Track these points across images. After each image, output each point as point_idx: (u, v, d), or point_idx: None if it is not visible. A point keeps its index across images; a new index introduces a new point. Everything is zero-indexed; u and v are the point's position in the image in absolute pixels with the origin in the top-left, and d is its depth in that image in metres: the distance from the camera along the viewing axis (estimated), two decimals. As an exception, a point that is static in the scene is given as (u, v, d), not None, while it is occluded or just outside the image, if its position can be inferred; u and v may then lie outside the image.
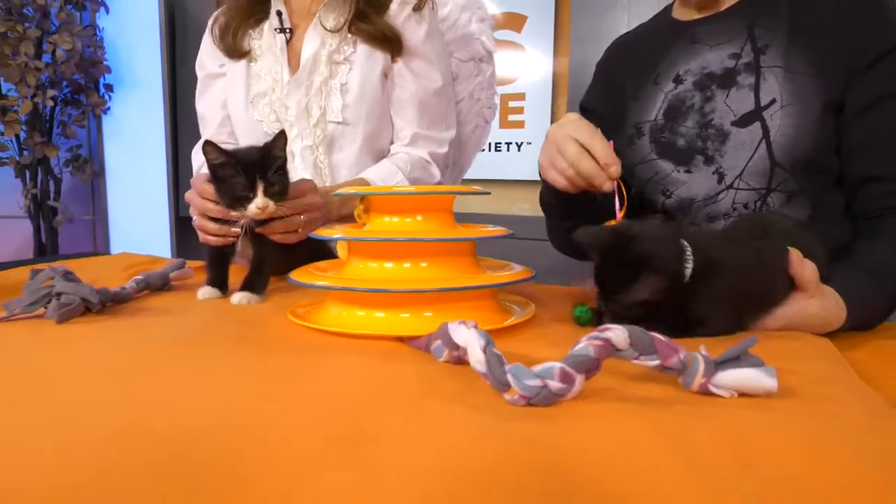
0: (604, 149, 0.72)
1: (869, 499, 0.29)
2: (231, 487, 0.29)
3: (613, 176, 0.71)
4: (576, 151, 0.72)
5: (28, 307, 0.62)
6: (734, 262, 0.59)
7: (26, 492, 0.28)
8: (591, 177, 0.72)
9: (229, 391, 0.43)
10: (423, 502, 0.28)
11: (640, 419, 0.37)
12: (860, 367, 0.55)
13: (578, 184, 0.75)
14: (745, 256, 0.60)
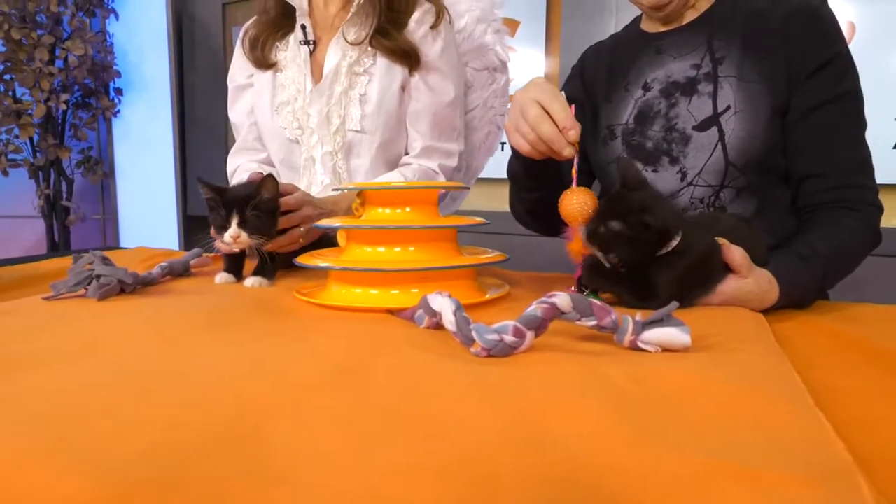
0: (563, 111, 0.73)
1: (752, 418, 0.38)
2: (246, 415, 0.39)
3: (571, 139, 0.73)
4: (537, 114, 0.73)
5: (73, 287, 0.72)
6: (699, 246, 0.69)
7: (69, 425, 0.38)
8: (550, 140, 0.73)
9: (246, 349, 0.53)
10: (400, 419, 0.38)
11: (575, 365, 0.47)
12: (785, 334, 0.65)
13: (540, 148, 0.76)
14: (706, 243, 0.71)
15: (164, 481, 0.29)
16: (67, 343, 0.54)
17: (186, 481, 0.29)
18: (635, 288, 0.71)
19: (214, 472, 0.31)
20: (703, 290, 0.72)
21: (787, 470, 0.31)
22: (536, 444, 0.34)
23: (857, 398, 0.48)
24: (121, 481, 0.29)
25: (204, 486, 0.29)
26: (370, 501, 0.28)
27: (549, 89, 0.76)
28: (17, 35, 2.64)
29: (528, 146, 0.77)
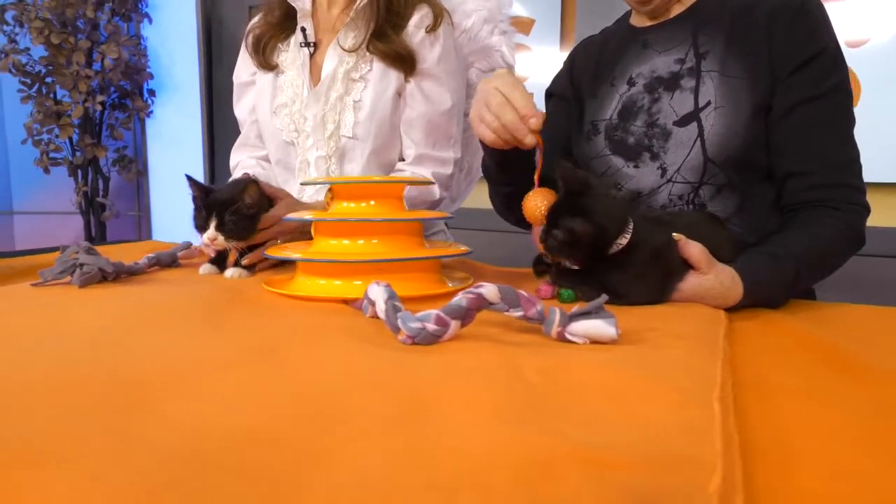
0: (523, 100, 0.74)
1: (638, 410, 0.39)
2: (145, 386, 0.41)
3: (532, 127, 0.74)
4: (499, 103, 0.74)
5: (58, 274, 0.76)
6: (653, 242, 0.69)
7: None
8: (513, 128, 0.74)
9: (186, 333, 0.55)
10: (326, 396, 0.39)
11: (490, 354, 0.48)
12: (745, 332, 0.64)
13: (504, 136, 0.77)
14: (661, 239, 0.70)
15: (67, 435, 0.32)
16: (38, 326, 0.58)
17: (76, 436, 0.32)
18: (596, 287, 0.70)
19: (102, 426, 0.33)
20: (664, 287, 0.71)
21: (635, 456, 0.31)
22: (411, 425, 0.35)
23: (792, 397, 0.47)
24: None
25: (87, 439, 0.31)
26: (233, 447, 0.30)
27: (512, 80, 0.76)
28: (56, 40, 2.77)
29: (492, 135, 0.78)
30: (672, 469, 0.31)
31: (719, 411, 0.38)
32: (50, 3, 2.77)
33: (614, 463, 0.31)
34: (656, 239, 0.69)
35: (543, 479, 0.29)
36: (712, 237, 0.73)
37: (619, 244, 0.66)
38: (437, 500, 0.27)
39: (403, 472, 0.29)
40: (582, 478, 0.29)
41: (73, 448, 0.32)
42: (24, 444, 0.32)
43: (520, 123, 0.74)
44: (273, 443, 0.33)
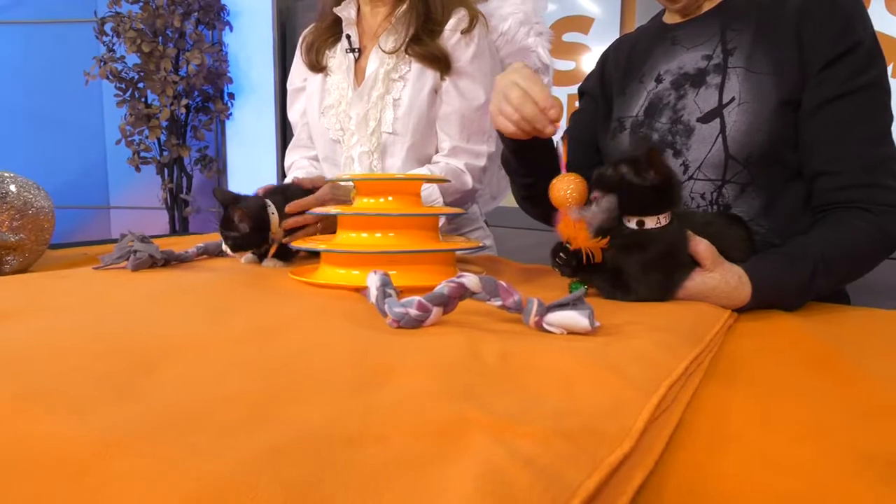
0: (542, 92, 0.76)
1: (575, 392, 0.41)
2: (151, 357, 0.47)
3: (553, 118, 0.76)
4: (519, 95, 0.76)
5: (116, 259, 0.86)
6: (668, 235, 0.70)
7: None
8: (533, 119, 0.77)
9: (218, 313, 0.62)
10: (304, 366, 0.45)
11: (463, 338, 0.51)
12: (746, 331, 0.65)
13: (524, 128, 0.78)
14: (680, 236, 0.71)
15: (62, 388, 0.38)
16: (70, 301, 0.67)
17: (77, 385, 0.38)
18: (607, 279, 0.72)
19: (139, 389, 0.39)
20: (671, 285, 0.72)
21: (547, 429, 0.34)
22: (360, 397, 0.40)
23: (755, 391, 0.48)
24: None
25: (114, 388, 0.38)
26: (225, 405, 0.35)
27: (528, 73, 0.79)
28: (147, 48, 3.01)
29: (512, 127, 0.80)
30: (578, 441, 0.33)
31: (658, 397, 0.40)
32: (142, 15, 3.01)
33: (523, 432, 0.34)
34: (672, 234, 0.69)
35: (453, 438, 0.33)
36: (726, 236, 0.73)
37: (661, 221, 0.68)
38: (338, 452, 0.31)
39: (324, 431, 0.34)
40: (485, 442, 0.32)
41: (83, 394, 0.38)
42: (39, 390, 0.39)
43: (540, 115, 0.76)
44: (240, 400, 0.38)
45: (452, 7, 1.18)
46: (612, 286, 0.72)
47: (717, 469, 0.35)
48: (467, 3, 1.20)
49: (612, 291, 0.72)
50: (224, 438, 0.33)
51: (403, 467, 0.30)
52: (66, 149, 3.69)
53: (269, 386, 0.41)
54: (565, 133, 0.77)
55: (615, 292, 0.72)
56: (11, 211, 0.90)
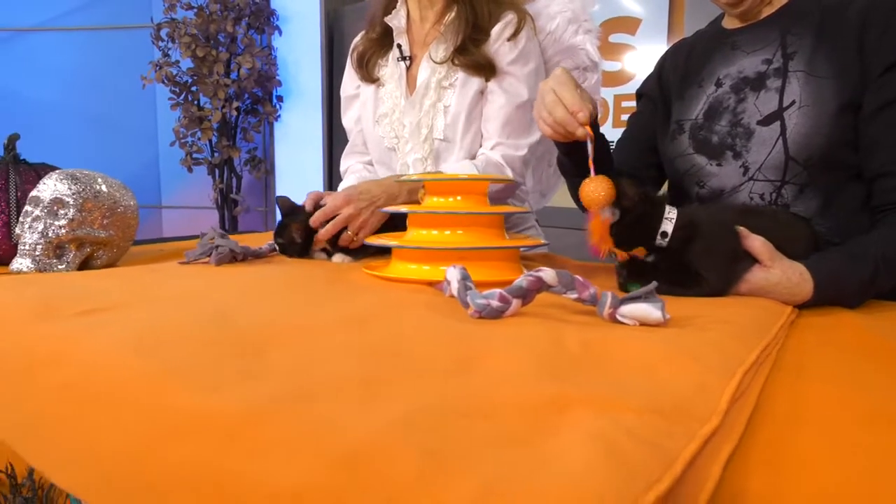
0: (572, 96, 0.80)
1: (658, 375, 0.45)
2: (262, 341, 0.52)
3: (581, 121, 0.80)
4: (551, 101, 0.82)
5: (199, 255, 0.92)
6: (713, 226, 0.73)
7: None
8: (564, 122, 0.81)
9: (308, 303, 0.67)
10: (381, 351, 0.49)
11: (541, 329, 0.55)
12: (809, 324, 0.67)
13: (558, 130, 0.84)
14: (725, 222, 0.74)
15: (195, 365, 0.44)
16: (172, 292, 0.72)
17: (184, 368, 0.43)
18: (668, 278, 0.75)
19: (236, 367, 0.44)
20: (729, 279, 0.74)
21: (642, 405, 0.38)
22: (463, 377, 0.44)
23: (824, 382, 0.50)
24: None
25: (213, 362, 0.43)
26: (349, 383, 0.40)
27: (564, 79, 0.83)
28: (201, 53, 3.12)
29: (549, 130, 0.86)
30: (672, 417, 0.37)
31: (736, 382, 0.43)
32: (196, 21, 3.13)
33: (622, 407, 0.37)
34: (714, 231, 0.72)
35: (556, 415, 0.37)
36: (786, 233, 0.75)
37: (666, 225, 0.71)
38: (459, 422, 0.35)
39: (439, 405, 0.38)
40: (587, 417, 0.36)
41: (211, 373, 0.43)
42: (173, 369, 0.44)
43: (570, 118, 0.81)
44: (353, 379, 0.42)
45: (501, 11, 1.20)
46: (675, 284, 0.75)
47: (793, 447, 0.38)
48: (515, 6, 1.22)
49: (674, 289, 0.75)
50: (353, 410, 0.37)
51: (516, 438, 0.34)
52: (121, 150, 3.85)
53: (376, 368, 0.45)
54: (592, 135, 0.80)
55: (679, 289, 0.74)
56: (103, 209, 0.98)
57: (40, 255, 0.92)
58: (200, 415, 0.38)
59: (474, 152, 1.23)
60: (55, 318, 0.60)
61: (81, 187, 0.95)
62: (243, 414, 0.36)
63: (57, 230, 0.93)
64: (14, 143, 1.08)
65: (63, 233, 0.93)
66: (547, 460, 0.31)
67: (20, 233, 0.93)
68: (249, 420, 0.36)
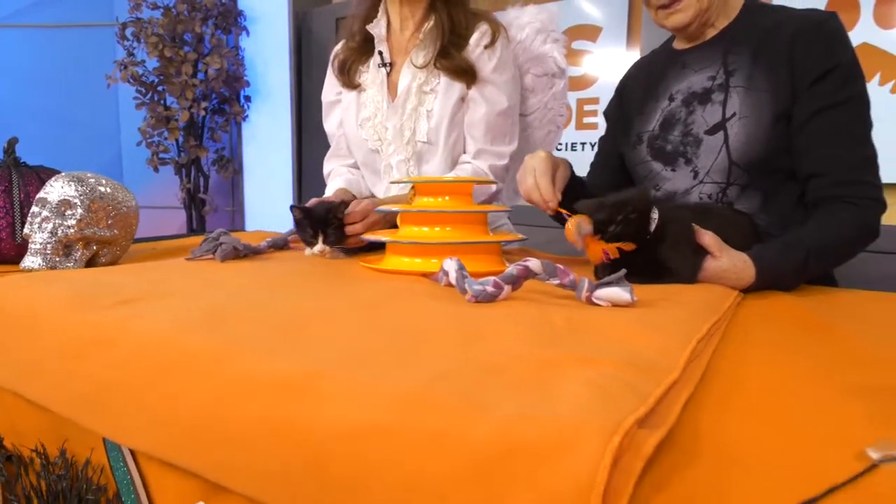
0: (546, 189, 0.95)
1: (630, 342, 0.55)
2: (291, 322, 0.60)
3: (550, 210, 0.96)
4: (530, 185, 0.97)
5: (205, 252, 0.99)
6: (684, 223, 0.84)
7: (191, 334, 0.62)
8: (539, 206, 0.98)
9: (318, 292, 0.75)
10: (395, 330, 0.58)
11: (532, 309, 0.65)
12: (753, 305, 0.78)
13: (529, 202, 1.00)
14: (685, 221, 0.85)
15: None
16: (193, 283, 0.80)
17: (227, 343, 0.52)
18: (645, 272, 0.85)
19: (266, 339, 0.53)
20: (695, 268, 0.86)
21: (619, 361, 0.48)
22: (472, 347, 0.53)
23: (764, 347, 0.61)
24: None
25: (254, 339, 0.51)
26: (367, 357, 0.49)
27: (543, 167, 0.97)
28: (169, 53, 3.13)
29: (524, 197, 1.01)
30: (644, 370, 0.47)
31: (692, 347, 0.54)
32: (163, 21, 3.13)
33: (604, 363, 0.47)
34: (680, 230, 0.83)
35: (553, 370, 0.46)
36: (732, 227, 0.87)
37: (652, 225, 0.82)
38: (480, 377, 0.45)
39: (462, 366, 0.47)
40: (579, 370, 0.46)
41: (265, 344, 0.52)
42: (232, 343, 0.52)
43: (543, 204, 0.96)
44: (384, 350, 0.51)
45: (476, 21, 1.30)
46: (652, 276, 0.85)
47: (736, 394, 0.49)
48: (489, 17, 1.32)
49: (651, 280, 0.85)
50: (396, 370, 0.46)
51: (525, 386, 0.43)
52: (82, 149, 3.79)
53: (399, 342, 0.54)
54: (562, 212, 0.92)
55: (655, 281, 0.85)
56: (108, 209, 1.03)
57: (50, 253, 0.97)
58: (268, 376, 0.46)
59: (456, 155, 1.32)
60: (95, 308, 0.66)
61: (87, 189, 1.01)
62: (306, 373, 0.45)
63: (66, 230, 0.98)
64: (13, 147, 1.12)
65: (71, 232, 0.98)
66: (551, 399, 0.41)
67: (29, 232, 0.98)
68: (313, 378, 0.45)
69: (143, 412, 0.51)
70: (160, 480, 0.58)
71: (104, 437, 0.61)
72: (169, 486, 0.57)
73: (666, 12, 1.06)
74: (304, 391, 0.44)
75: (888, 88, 1.88)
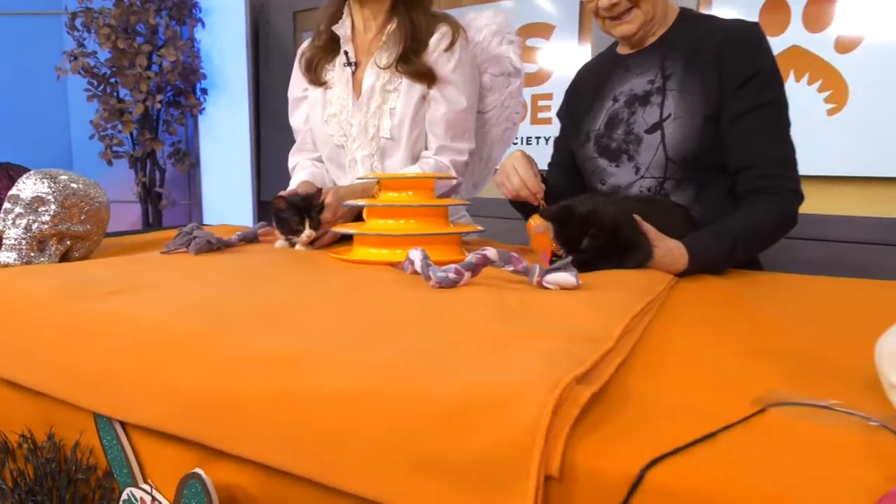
0: (534, 181, 1.08)
1: (575, 319, 0.63)
2: (272, 309, 0.67)
3: (538, 200, 1.08)
4: (517, 182, 1.08)
5: (179, 245, 1.04)
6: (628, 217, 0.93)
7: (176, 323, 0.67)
8: (528, 199, 1.09)
9: (286, 281, 0.81)
10: (369, 315, 0.65)
11: (489, 293, 0.73)
12: (685, 286, 0.88)
13: (517, 199, 1.11)
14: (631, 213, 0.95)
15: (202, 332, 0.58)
16: (172, 275, 0.85)
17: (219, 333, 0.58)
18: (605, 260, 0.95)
19: (248, 333, 0.59)
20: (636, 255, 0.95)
21: (564, 335, 0.56)
22: (438, 325, 0.61)
23: (690, 322, 0.71)
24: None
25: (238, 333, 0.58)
26: (344, 340, 0.56)
27: (527, 164, 1.09)
28: (121, 45, 3.08)
29: (510, 195, 1.12)
30: (584, 341, 0.55)
31: (626, 322, 0.63)
32: (115, 12, 3.08)
33: (552, 337, 0.56)
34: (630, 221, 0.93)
35: (509, 344, 0.54)
36: (669, 216, 0.97)
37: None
38: (445, 350, 0.52)
39: (429, 342, 0.55)
40: (530, 343, 0.54)
41: (253, 326, 0.58)
42: (222, 327, 0.59)
43: (532, 196, 1.09)
44: (362, 329, 0.59)
45: (436, 23, 1.37)
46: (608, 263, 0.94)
47: (662, 361, 0.58)
48: (448, 20, 1.38)
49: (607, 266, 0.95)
50: (375, 345, 0.53)
51: (484, 355, 0.51)
52: (29, 141, 3.70)
53: (374, 323, 0.61)
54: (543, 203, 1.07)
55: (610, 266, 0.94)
56: (81, 205, 1.07)
57: (25, 248, 1.00)
58: (259, 354, 0.53)
59: (418, 151, 1.39)
60: (86, 299, 0.71)
61: (60, 186, 1.04)
62: (296, 350, 0.52)
63: (40, 226, 1.01)
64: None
65: (46, 228, 1.01)
66: (506, 365, 0.49)
67: (3, 228, 1.01)
68: (302, 353, 0.52)
69: (144, 391, 0.57)
70: (153, 454, 0.64)
71: (96, 419, 0.66)
72: (162, 458, 0.63)
73: (614, 23, 1.16)
74: (293, 365, 0.51)
75: (816, 88, 2.03)
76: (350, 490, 0.47)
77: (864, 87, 1.92)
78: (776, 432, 0.43)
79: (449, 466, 0.43)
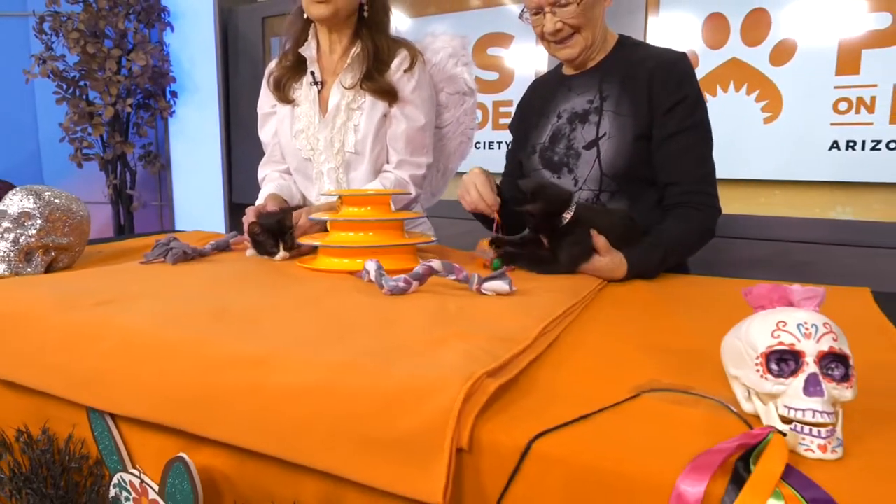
0: (491, 197, 1.19)
1: (500, 321, 0.75)
2: (243, 314, 0.78)
3: (493, 213, 1.20)
4: (475, 197, 1.19)
5: (157, 256, 1.13)
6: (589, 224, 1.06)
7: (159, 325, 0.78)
8: (484, 212, 1.20)
9: (255, 289, 0.92)
10: (327, 319, 0.76)
11: (432, 299, 0.85)
12: (617, 290, 1.01)
13: (476, 210, 1.22)
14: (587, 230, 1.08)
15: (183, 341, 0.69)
16: (148, 287, 0.95)
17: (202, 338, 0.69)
18: (539, 260, 1.08)
19: (224, 337, 0.70)
20: (580, 263, 1.08)
21: (489, 336, 0.68)
22: (387, 329, 0.72)
23: (607, 324, 0.83)
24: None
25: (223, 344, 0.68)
26: (302, 345, 0.67)
27: (485, 179, 1.21)
28: (91, 49, 3.11)
29: (469, 208, 1.23)
30: (504, 341, 0.67)
31: (544, 324, 0.75)
32: (84, 16, 3.11)
33: (478, 338, 0.67)
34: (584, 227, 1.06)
35: (441, 345, 0.66)
36: (615, 223, 1.10)
37: (566, 217, 1.03)
38: (391, 351, 0.64)
39: (378, 344, 0.66)
40: (458, 343, 0.66)
41: (229, 330, 0.69)
42: (203, 331, 0.69)
43: (490, 211, 1.20)
44: (325, 332, 0.70)
45: (396, 48, 1.48)
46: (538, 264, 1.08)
47: (573, 354, 0.70)
48: (407, 44, 1.50)
49: (537, 268, 1.08)
50: (333, 347, 0.64)
51: (420, 355, 0.63)
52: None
53: (332, 327, 0.73)
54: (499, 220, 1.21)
55: (540, 268, 1.07)
56: (64, 218, 1.15)
57: (14, 260, 1.09)
58: (235, 354, 0.64)
59: (380, 164, 1.50)
60: (77, 308, 0.81)
61: (44, 201, 1.12)
62: (268, 351, 0.63)
63: (27, 239, 1.10)
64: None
65: (32, 241, 1.10)
66: (434, 362, 0.60)
67: (-9, 242, 1.09)
68: (273, 355, 0.63)
69: (132, 387, 0.68)
70: (140, 442, 0.74)
71: (89, 412, 0.76)
72: (149, 445, 0.73)
73: (558, 47, 1.28)
74: (263, 364, 0.62)
75: (753, 97, 2.19)
76: (311, 465, 0.58)
77: (796, 97, 2.08)
78: (644, 413, 0.55)
79: (387, 444, 0.54)
